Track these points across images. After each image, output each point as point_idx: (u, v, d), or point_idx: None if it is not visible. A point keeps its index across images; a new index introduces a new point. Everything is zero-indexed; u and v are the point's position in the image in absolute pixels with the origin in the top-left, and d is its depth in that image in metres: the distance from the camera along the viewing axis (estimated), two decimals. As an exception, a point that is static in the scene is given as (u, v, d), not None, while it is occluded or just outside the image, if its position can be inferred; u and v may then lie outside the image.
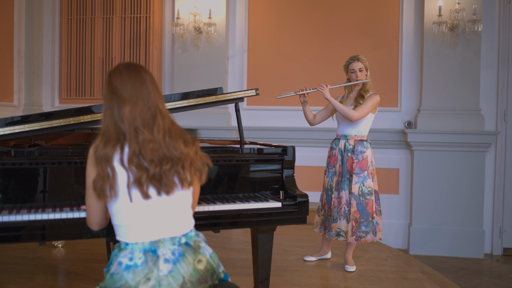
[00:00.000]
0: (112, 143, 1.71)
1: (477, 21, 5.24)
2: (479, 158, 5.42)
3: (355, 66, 3.64)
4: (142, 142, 1.69)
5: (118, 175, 1.70)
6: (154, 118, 1.73)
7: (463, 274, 4.88)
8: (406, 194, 5.71)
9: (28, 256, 3.82)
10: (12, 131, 2.34)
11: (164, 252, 1.70)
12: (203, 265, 1.74)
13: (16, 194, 2.21)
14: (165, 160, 1.70)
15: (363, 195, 3.57)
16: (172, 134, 1.75)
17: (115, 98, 1.74)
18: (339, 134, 3.72)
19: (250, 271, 3.35)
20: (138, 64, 1.83)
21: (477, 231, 5.41)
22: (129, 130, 1.70)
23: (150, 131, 1.71)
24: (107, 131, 1.73)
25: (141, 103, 1.73)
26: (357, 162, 3.58)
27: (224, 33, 5.79)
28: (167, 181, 1.71)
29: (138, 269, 1.67)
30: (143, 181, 1.68)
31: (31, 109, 6.15)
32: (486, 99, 5.56)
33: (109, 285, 1.69)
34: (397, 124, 5.75)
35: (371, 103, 3.59)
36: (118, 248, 1.76)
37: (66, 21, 6.28)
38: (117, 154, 1.70)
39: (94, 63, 6.21)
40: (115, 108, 1.73)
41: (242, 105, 5.91)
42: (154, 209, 1.73)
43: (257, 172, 2.71)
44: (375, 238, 3.62)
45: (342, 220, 3.61)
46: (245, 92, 3.12)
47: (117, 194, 1.70)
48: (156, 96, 1.77)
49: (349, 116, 3.53)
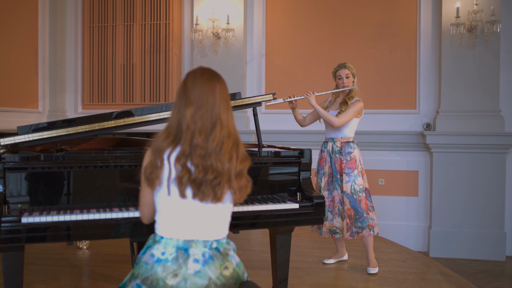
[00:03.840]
0: (171, 139, 1.81)
1: (496, 22, 5.22)
2: (499, 160, 5.38)
3: (342, 73, 3.79)
4: (194, 146, 1.77)
5: (164, 167, 1.79)
6: (213, 127, 1.79)
7: (484, 277, 4.85)
8: (425, 197, 5.70)
9: (54, 258, 3.94)
10: (40, 136, 2.45)
11: (195, 252, 1.79)
12: (229, 271, 1.82)
13: (45, 197, 2.32)
14: (211, 170, 1.77)
15: (356, 193, 3.68)
16: (223, 147, 1.79)
17: (184, 98, 1.82)
18: (327, 137, 3.87)
19: (268, 272, 3.41)
20: (215, 72, 1.89)
21: (499, 233, 5.37)
22: (187, 132, 1.79)
23: (206, 138, 1.78)
24: (170, 127, 1.84)
25: (204, 109, 1.80)
26: (345, 162, 3.71)
27: (242, 38, 5.87)
28: (206, 190, 1.77)
29: (168, 264, 1.76)
30: (184, 181, 1.76)
31: (55, 115, 6.32)
32: (506, 100, 5.53)
33: (140, 271, 1.79)
34: (416, 126, 5.74)
35: (353, 110, 3.72)
36: (153, 239, 1.86)
37: (88, 29, 6.44)
38: (170, 149, 1.80)
39: (115, 70, 6.36)
40: (182, 107, 1.82)
41: (260, 109, 5.99)
42: (189, 210, 1.81)
43: (275, 175, 2.77)
44: (371, 233, 3.69)
45: (337, 218, 3.74)
46: (262, 96, 3.19)
47: (161, 183, 1.80)
48: (222, 106, 1.83)
49: (331, 123, 3.70)
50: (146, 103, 6.24)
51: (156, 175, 1.79)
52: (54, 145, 2.97)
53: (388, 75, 5.77)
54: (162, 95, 6.23)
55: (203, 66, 1.90)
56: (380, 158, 5.69)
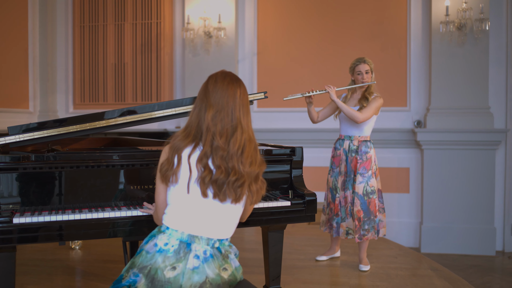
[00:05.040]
0: (190, 139, 1.86)
1: (485, 20, 5.27)
2: (489, 156, 5.44)
3: (362, 68, 3.69)
4: (215, 148, 1.82)
5: (182, 166, 1.84)
6: (234, 131, 1.84)
7: (475, 272, 4.91)
8: (417, 193, 5.75)
9: (47, 258, 3.94)
10: (31, 136, 2.45)
11: (197, 248, 1.82)
12: (227, 274, 1.85)
13: (37, 197, 2.32)
14: (233, 172, 1.82)
15: (367, 195, 3.63)
16: (245, 151, 1.85)
17: (205, 100, 1.87)
18: (343, 134, 3.76)
19: (261, 269, 3.42)
20: (236, 76, 1.94)
21: (488, 228, 5.43)
22: (207, 133, 1.83)
23: (227, 141, 1.83)
24: (190, 126, 1.88)
25: (224, 112, 1.84)
26: (361, 163, 3.63)
27: (233, 37, 5.88)
28: (228, 191, 1.83)
29: (169, 255, 1.80)
30: (206, 181, 1.81)
31: (46, 115, 6.30)
32: (495, 97, 5.59)
33: (141, 260, 1.83)
34: (407, 123, 5.79)
35: (375, 105, 3.63)
36: (158, 229, 1.90)
37: (79, 28, 6.42)
38: (189, 148, 1.85)
39: (107, 69, 6.34)
40: (202, 109, 1.86)
41: (252, 107, 6.01)
42: (204, 208, 1.85)
43: (266, 173, 2.78)
44: (375, 236, 3.66)
45: (349, 219, 3.68)
46: (254, 95, 3.19)
47: (177, 181, 1.85)
48: (242, 111, 1.88)
49: (356, 118, 3.56)
50: (138, 102, 6.23)
51: (173, 172, 1.84)
52: (45, 145, 2.97)
53: (379, 73, 5.78)
54: (154, 94, 6.23)
55: (225, 70, 1.96)
56: (371, 155, 5.71)
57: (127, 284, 1.82)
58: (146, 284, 1.78)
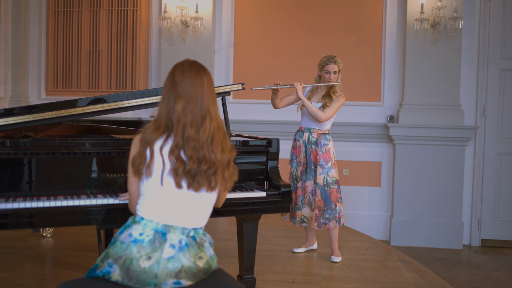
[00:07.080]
0: (160, 131, 1.85)
1: (458, 19, 5.38)
2: (458, 152, 5.58)
3: (331, 68, 3.78)
4: (186, 139, 1.82)
5: (155, 159, 1.83)
6: (203, 120, 1.85)
7: (442, 264, 5.05)
8: (388, 187, 5.86)
9: (17, 246, 3.88)
10: (5, 122, 2.40)
11: (172, 238, 1.83)
12: (202, 262, 1.86)
13: (11, 184, 2.28)
14: (204, 161, 1.83)
15: (328, 185, 3.75)
16: (215, 139, 1.86)
17: (173, 91, 1.86)
18: (303, 126, 3.87)
19: (235, 260, 3.45)
20: (202, 65, 1.93)
21: (456, 223, 5.58)
22: (178, 124, 1.83)
23: (197, 131, 1.83)
24: (159, 119, 1.87)
25: (194, 103, 1.84)
26: (321, 154, 3.75)
27: (210, 27, 5.86)
28: (201, 180, 1.83)
29: (144, 245, 1.80)
30: (179, 172, 1.82)
31: (17, 101, 6.16)
32: (466, 95, 5.72)
33: (115, 250, 1.82)
34: (380, 118, 5.88)
35: (337, 105, 3.76)
36: (132, 219, 1.89)
37: (52, 13, 6.28)
38: (160, 141, 1.84)
39: (81, 56, 6.23)
40: (171, 100, 1.85)
41: (228, 98, 5.98)
42: (178, 198, 1.85)
43: (242, 164, 2.81)
44: (337, 224, 3.77)
45: (306, 208, 3.79)
46: (231, 86, 3.21)
47: (151, 174, 1.84)
48: (210, 99, 1.88)
49: (318, 118, 3.69)
50: (112, 90, 6.15)
51: (146, 166, 1.84)
52: (18, 132, 2.92)
53: (354, 68, 5.87)
54: (128, 83, 6.16)
55: (189, 59, 1.94)
56: (344, 149, 5.80)
57: (101, 274, 1.82)
58: (121, 274, 1.78)
